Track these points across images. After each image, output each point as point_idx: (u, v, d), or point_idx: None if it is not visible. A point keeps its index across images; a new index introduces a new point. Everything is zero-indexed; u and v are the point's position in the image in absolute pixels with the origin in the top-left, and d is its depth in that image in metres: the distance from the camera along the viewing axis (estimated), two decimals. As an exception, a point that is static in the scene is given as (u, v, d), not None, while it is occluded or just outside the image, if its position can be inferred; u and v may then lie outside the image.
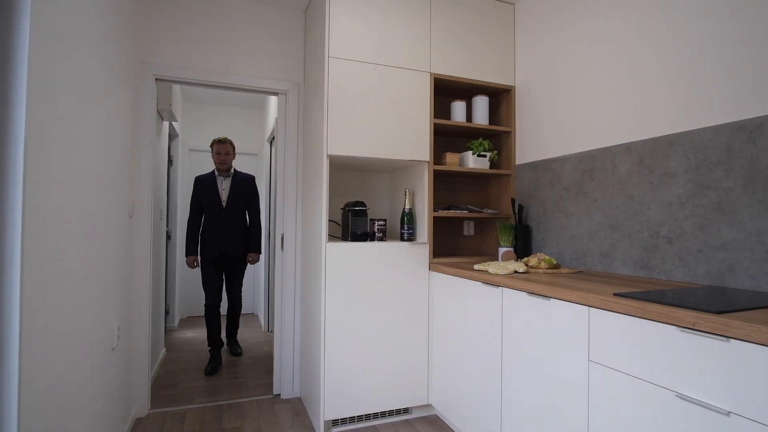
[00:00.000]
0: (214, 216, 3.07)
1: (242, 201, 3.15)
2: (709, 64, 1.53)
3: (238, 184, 3.15)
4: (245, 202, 3.18)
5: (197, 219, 3.12)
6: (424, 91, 2.29)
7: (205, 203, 3.09)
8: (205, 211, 3.11)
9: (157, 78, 2.35)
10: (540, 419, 1.53)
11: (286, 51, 2.62)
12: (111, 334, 1.77)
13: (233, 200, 3.11)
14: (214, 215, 3.07)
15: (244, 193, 3.16)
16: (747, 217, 1.41)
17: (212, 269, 3.09)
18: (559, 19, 2.22)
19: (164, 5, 2.37)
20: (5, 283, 0.95)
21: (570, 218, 2.13)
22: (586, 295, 1.32)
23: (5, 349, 0.95)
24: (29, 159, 1.00)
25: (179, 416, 2.32)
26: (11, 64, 0.97)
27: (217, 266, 3.11)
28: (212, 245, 3.07)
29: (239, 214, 3.15)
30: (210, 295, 3.06)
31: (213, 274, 3.09)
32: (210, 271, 3.09)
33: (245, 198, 3.17)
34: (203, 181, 3.12)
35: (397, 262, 2.22)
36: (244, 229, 3.20)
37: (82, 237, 1.39)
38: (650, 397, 1.13)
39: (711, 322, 0.98)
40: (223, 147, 3.09)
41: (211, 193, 3.08)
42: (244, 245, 3.20)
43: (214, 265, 3.09)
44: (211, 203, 3.07)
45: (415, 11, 2.28)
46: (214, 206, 3.08)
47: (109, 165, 1.70)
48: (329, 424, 2.13)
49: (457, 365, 2.05)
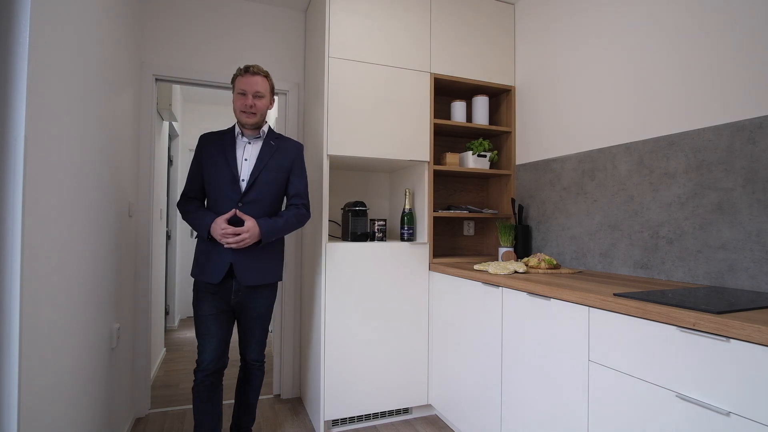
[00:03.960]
0: (223, 205, 1.71)
1: (277, 182, 1.78)
2: (709, 64, 1.53)
3: (274, 152, 1.79)
4: (282, 184, 1.81)
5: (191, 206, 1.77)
6: (424, 91, 2.29)
7: (211, 181, 1.74)
8: (209, 197, 1.77)
9: (157, 78, 2.35)
10: (540, 419, 1.53)
11: (286, 51, 2.62)
12: (111, 334, 1.77)
13: (262, 180, 1.74)
14: (224, 205, 1.71)
15: (282, 170, 1.79)
16: (747, 218, 1.41)
17: (211, 305, 1.71)
18: (559, 19, 2.22)
19: (164, 5, 2.36)
20: (5, 283, 0.95)
21: (570, 218, 2.13)
22: (586, 295, 1.32)
23: (5, 349, 0.95)
24: (29, 159, 1.00)
25: (179, 416, 2.32)
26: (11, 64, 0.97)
27: (221, 300, 1.72)
28: (214, 260, 1.69)
29: (269, 206, 1.77)
30: (207, 354, 1.69)
31: (214, 313, 1.71)
32: (208, 307, 1.70)
33: (283, 177, 1.80)
34: (212, 142, 1.77)
35: (397, 262, 2.22)
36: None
37: (82, 237, 1.39)
38: (650, 397, 1.13)
39: (711, 323, 0.98)
40: (252, 81, 1.71)
41: (222, 163, 1.73)
42: (275, 263, 1.81)
43: (215, 298, 1.71)
44: (221, 183, 1.72)
45: (415, 11, 2.28)
46: (225, 188, 1.71)
47: (109, 165, 1.70)
48: (329, 424, 2.13)
49: (457, 365, 2.05)
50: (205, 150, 1.78)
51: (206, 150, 1.77)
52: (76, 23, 1.30)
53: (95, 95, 1.51)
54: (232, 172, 1.73)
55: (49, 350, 1.13)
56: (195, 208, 1.76)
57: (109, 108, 1.69)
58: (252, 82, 1.71)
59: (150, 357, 2.37)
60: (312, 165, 2.35)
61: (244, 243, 1.65)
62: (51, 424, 1.14)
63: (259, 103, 1.73)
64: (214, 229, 1.65)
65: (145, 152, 2.31)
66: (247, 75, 1.72)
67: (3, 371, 0.94)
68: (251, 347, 1.85)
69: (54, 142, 1.15)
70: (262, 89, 1.73)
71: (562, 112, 2.18)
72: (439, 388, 2.20)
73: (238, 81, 1.73)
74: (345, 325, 2.11)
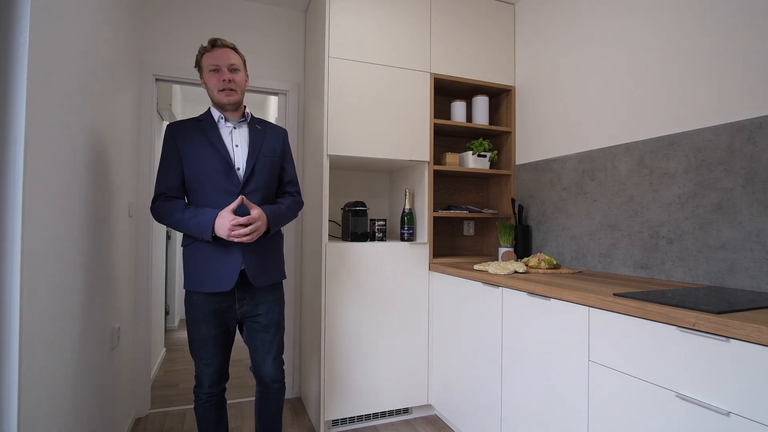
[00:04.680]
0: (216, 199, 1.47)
1: (272, 169, 1.60)
2: (709, 64, 1.53)
3: (264, 136, 1.60)
4: (276, 171, 1.63)
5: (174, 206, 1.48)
6: (424, 91, 2.29)
7: (196, 173, 1.49)
8: (193, 192, 1.51)
9: (157, 78, 2.35)
10: (540, 419, 1.53)
11: (286, 51, 2.62)
12: (111, 334, 1.77)
13: (260, 167, 1.55)
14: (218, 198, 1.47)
15: (276, 155, 1.62)
16: (747, 217, 1.41)
17: (212, 326, 1.49)
18: (559, 19, 2.22)
19: (164, 5, 2.36)
20: (5, 283, 0.95)
21: (570, 218, 2.13)
22: (586, 295, 1.32)
23: (5, 349, 0.95)
24: (29, 159, 1.00)
25: (179, 416, 2.32)
26: (11, 64, 0.97)
27: (222, 317, 1.51)
28: (225, 264, 1.47)
29: (267, 196, 1.59)
30: (207, 380, 1.52)
31: (214, 335, 1.50)
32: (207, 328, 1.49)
33: (277, 162, 1.62)
34: (187, 130, 1.52)
35: (397, 262, 2.22)
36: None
37: (82, 237, 1.38)
38: (650, 397, 1.13)
39: (711, 323, 0.98)
40: (224, 54, 1.51)
41: (209, 151, 1.49)
42: (280, 260, 1.64)
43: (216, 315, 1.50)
44: (210, 173, 1.48)
45: (415, 11, 2.28)
46: (218, 179, 1.48)
47: (109, 165, 1.70)
48: (329, 424, 2.13)
49: (457, 365, 2.05)
50: (181, 139, 1.50)
51: (183, 139, 1.50)
52: (76, 23, 1.30)
53: (95, 95, 1.51)
54: (225, 159, 1.48)
55: (49, 350, 1.13)
56: (181, 208, 1.47)
57: (109, 108, 1.69)
58: (224, 55, 1.50)
59: (150, 357, 2.37)
60: (312, 165, 2.35)
61: (257, 234, 1.44)
62: (51, 424, 1.14)
63: (236, 77, 1.52)
64: (220, 224, 1.39)
65: (145, 152, 2.31)
66: (216, 49, 1.51)
67: (3, 371, 0.94)
68: (267, 364, 1.56)
69: (54, 142, 1.15)
70: (236, 62, 1.53)
71: (562, 112, 2.18)
72: (439, 387, 2.20)
73: (207, 57, 1.51)
74: (345, 325, 2.11)
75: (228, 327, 1.54)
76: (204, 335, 1.49)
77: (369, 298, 2.16)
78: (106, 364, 1.70)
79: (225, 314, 1.51)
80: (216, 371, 1.53)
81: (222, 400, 1.59)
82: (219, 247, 1.47)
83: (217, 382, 1.54)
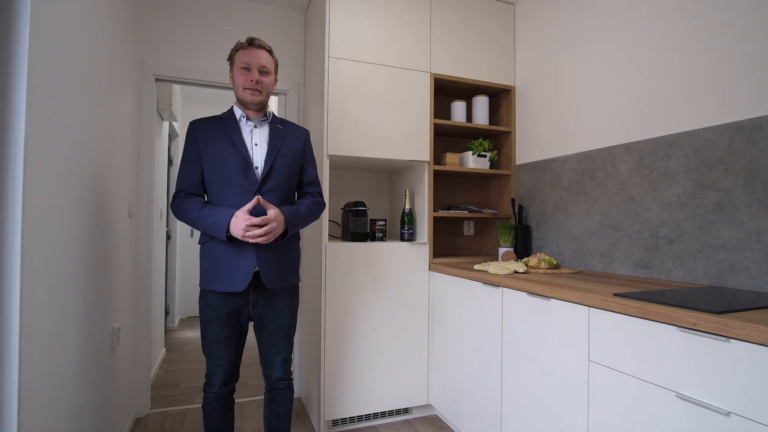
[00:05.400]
0: (233, 197, 1.47)
1: (292, 169, 1.59)
2: (709, 64, 1.53)
3: (285, 135, 1.59)
4: (296, 171, 1.62)
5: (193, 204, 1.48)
6: (424, 91, 2.29)
7: (215, 170, 1.49)
8: (212, 190, 1.51)
9: (157, 78, 2.35)
10: (540, 419, 1.53)
11: (286, 51, 2.62)
12: (111, 334, 1.77)
13: (278, 166, 1.54)
14: (235, 196, 1.47)
15: (296, 155, 1.60)
16: (747, 217, 1.41)
17: (225, 327, 1.50)
18: (559, 19, 2.22)
19: (164, 5, 2.36)
20: (5, 283, 0.95)
21: (570, 218, 2.13)
22: (586, 295, 1.32)
23: (5, 349, 0.95)
24: (29, 159, 1.00)
25: (179, 416, 2.32)
26: (11, 64, 0.97)
27: (235, 318, 1.51)
28: (240, 264, 1.46)
29: (287, 196, 1.58)
30: (218, 380, 1.53)
31: (226, 336, 1.50)
32: (220, 329, 1.49)
33: (297, 162, 1.61)
34: (210, 126, 1.53)
35: (397, 262, 2.22)
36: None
37: (82, 237, 1.38)
38: (650, 397, 1.13)
39: (711, 323, 0.98)
40: (257, 55, 1.52)
41: (228, 148, 1.49)
42: (296, 263, 1.62)
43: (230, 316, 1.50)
44: (229, 171, 1.48)
45: (415, 11, 2.28)
46: (236, 177, 1.48)
47: (109, 165, 1.70)
48: (329, 424, 2.13)
49: (457, 365, 2.05)
50: (202, 135, 1.50)
51: (204, 135, 1.50)
52: (75, 23, 1.30)
53: (95, 95, 1.51)
54: (243, 157, 1.48)
55: (49, 350, 1.13)
56: (199, 206, 1.46)
57: (109, 108, 1.69)
58: (257, 56, 1.51)
59: (150, 357, 2.37)
60: (312, 165, 2.36)
61: (273, 235, 1.42)
62: (51, 423, 1.14)
63: (265, 80, 1.53)
64: (235, 224, 1.38)
65: (145, 152, 2.31)
66: (251, 48, 1.51)
67: (3, 371, 0.94)
68: (276, 365, 1.60)
69: (54, 143, 1.15)
70: (268, 65, 1.53)
71: (562, 112, 2.18)
72: (440, 387, 2.20)
73: (240, 54, 1.51)
74: (345, 325, 2.11)
75: (241, 328, 1.55)
76: (216, 335, 1.50)
77: (369, 298, 2.16)
78: (106, 364, 1.70)
79: (238, 316, 1.52)
80: (227, 371, 1.53)
81: (230, 401, 1.59)
82: (234, 247, 1.47)
83: (227, 382, 1.55)
